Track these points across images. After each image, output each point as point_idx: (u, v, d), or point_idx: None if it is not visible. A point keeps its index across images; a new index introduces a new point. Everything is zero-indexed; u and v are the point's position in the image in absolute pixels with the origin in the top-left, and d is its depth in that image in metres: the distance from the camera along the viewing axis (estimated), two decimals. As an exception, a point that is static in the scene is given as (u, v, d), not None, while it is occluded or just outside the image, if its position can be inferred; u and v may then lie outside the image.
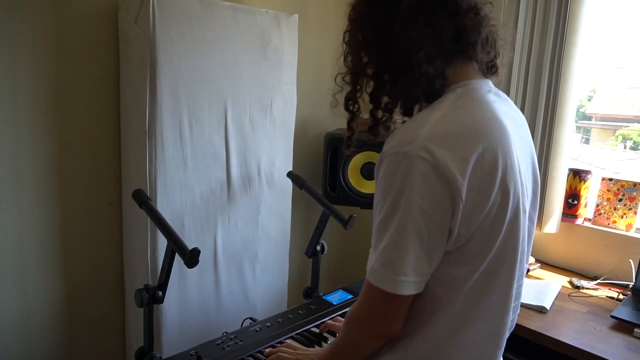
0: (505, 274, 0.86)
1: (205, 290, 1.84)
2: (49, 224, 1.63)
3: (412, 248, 0.77)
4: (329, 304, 1.60)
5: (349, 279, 2.75)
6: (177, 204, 1.70)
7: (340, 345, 1.00)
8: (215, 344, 1.33)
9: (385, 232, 0.79)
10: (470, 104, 0.84)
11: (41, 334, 1.67)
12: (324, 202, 1.76)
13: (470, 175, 0.76)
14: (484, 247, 0.81)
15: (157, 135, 1.61)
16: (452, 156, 0.75)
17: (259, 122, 1.90)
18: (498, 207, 0.80)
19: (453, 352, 0.87)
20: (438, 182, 0.75)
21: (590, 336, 1.58)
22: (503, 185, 0.79)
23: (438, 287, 0.84)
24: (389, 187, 0.78)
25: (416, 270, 0.79)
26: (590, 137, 3.09)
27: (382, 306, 0.84)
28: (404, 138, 0.78)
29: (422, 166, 0.74)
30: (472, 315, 0.85)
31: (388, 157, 0.79)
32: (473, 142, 0.77)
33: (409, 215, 0.76)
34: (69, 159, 1.64)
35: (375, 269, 0.80)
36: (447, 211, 0.77)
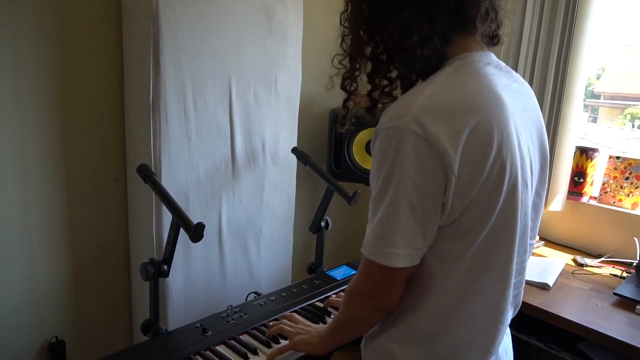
0: (503, 248, 0.85)
1: (210, 265, 1.86)
2: (54, 200, 1.64)
3: (404, 221, 0.77)
4: (332, 279, 1.62)
5: (352, 255, 2.77)
6: (181, 180, 1.70)
7: (341, 320, 1.01)
8: (220, 317, 1.35)
9: (380, 205, 0.79)
10: (467, 76, 0.82)
11: (49, 306, 1.69)
12: (329, 178, 1.75)
13: (462, 149, 0.75)
14: (479, 221, 0.81)
15: (161, 110, 1.60)
16: (444, 129, 0.75)
17: (263, 98, 1.89)
18: (494, 180, 0.79)
19: (454, 327, 0.87)
20: (430, 156, 0.75)
21: (592, 313, 1.59)
22: (499, 158, 0.78)
23: (435, 261, 0.84)
24: (382, 161, 0.78)
25: (409, 243, 0.79)
26: (598, 116, 3.05)
27: (378, 279, 0.85)
28: (396, 112, 0.78)
29: (413, 140, 0.74)
30: (471, 290, 0.86)
31: (382, 131, 0.79)
32: (466, 115, 0.76)
33: (402, 189, 0.76)
34: (74, 135, 1.65)
35: (369, 242, 0.81)
36: (440, 185, 0.77)
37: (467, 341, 0.89)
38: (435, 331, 0.88)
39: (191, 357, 1.17)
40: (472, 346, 0.89)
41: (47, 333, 1.71)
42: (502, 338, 0.93)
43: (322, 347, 1.12)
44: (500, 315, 0.90)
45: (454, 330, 0.87)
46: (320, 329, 1.19)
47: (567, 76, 2.01)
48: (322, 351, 1.13)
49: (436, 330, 0.88)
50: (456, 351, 0.89)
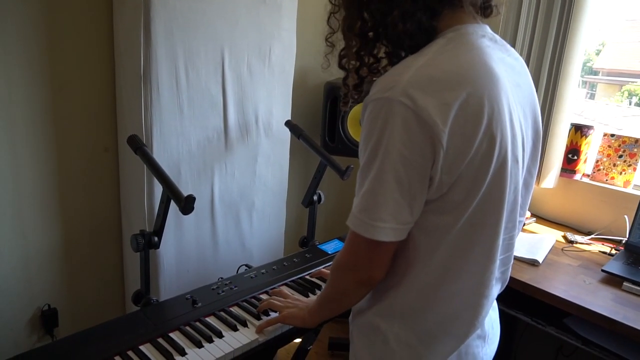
0: (491, 224, 0.85)
1: (202, 237, 1.86)
2: (44, 170, 1.63)
3: (390, 194, 0.77)
4: (323, 252, 1.63)
5: (344, 229, 2.79)
6: (173, 152, 1.69)
7: (327, 293, 1.02)
8: (211, 289, 1.36)
9: (366, 177, 0.79)
10: (459, 48, 0.80)
11: (41, 275, 1.70)
12: (321, 152, 1.75)
13: (452, 122, 0.74)
14: (467, 195, 0.80)
15: (152, 80, 1.58)
16: (433, 102, 0.73)
17: (257, 70, 1.86)
18: (483, 155, 0.78)
19: (438, 302, 0.88)
20: (418, 129, 0.73)
21: (579, 289, 1.61)
22: (488, 132, 0.77)
23: (421, 236, 0.84)
24: (370, 133, 0.77)
25: (395, 217, 0.78)
26: (596, 92, 3.03)
27: (363, 252, 0.84)
28: (386, 83, 0.76)
29: (402, 112, 0.73)
30: (456, 265, 0.86)
31: (370, 102, 0.77)
32: (456, 87, 0.75)
33: (388, 161, 0.75)
34: (64, 104, 1.62)
35: (354, 214, 0.81)
36: (428, 158, 0.76)
37: (452, 316, 0.89)
38: (420, 306, 0.88)
39: (181, 327, 1.19)
40: (457, 321, 0.90)
41: (40, 301, 1.73)
42: (486, 313, 0.94)
43: (310, 320, 1.13)
44: (485, 290, 0.90)
45: (438, 305, 0.88)
46: (309, 302, 1.20)
47: (564, 52, 1.98)
48: (311, 324, 1.14)
49: (421, 305, 0.88)
50: (440, 326, 0.89)
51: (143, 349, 1.11)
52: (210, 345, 1.14)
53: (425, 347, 0.90)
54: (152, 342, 1.13)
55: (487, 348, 0.98)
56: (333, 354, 2.51)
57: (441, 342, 0.90)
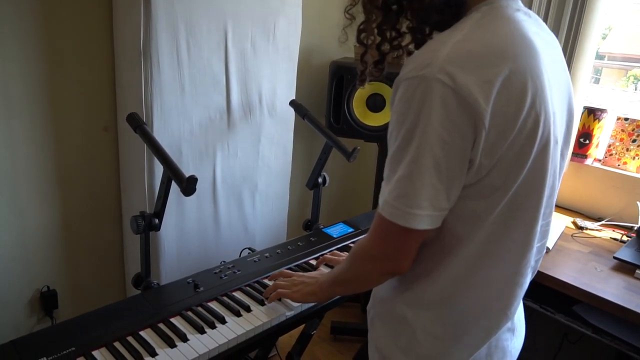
0: (530, 209, 0.80)
1: (203, 219, 1.82)
2: (42, 149, 1.58)
3: (428, 179, 0.71)
4: (329, 236, 1.58)
5: (348, 212, 2.75)
6: (174, 131, 1.64)
7: (345, 276, 0.98)
8: (213, 273, 1.32)
9: (400, 162, 0.72)
10: (496, 22, 0.74)
11: (39, 256, 1.67)
12: (327, 133, 1.69)
13: (494, 100, 0.69)
14: (506, 179, 0.75)
15: (152, 56, 1.52)
16: (474, 79, 0.68)
17: (261, 47, 1.79)
18: (526, 135, 0.73)
19: (471, 291, 0.83)
20: (458, 108, 0.68)
21: (591, 276, 1.57)
22: (532, 111, 0.72)
23: (457, 222, 0.78)
24: (404, 114, 0.71)
25: (433, 204, 0.73)
26: (601, 77, 2.97)
27: (394, 242, 0.79)
28: (421, 61, 0.70)
29: (441, 91, 0.67)
30: (492, 252, 0.81)
31: (404, 82, 0.71)
32: (498, 63, 0.69)
33: (426, 144, 0.69)
34: (61, 81, 1.56)
35: (389, 202, 0.74)
36: (468, 140, 0.70)
37: (483, 306, 0.85)
38: (451, 295, 0.83)
39: (182, 312, 1.15)
40: (488, 312, 0.86)
41: (38, 283, 1.69)
42: (519, 303, 0.89)
43: (322, 295, 1.10)
44: (520, 279, 0.86)
45: (471, 294, 0.83)
46: (317, 275, 1.17)
47: (580, 32, 1.91)
48: (324, 299, 1.11)
49: (452, 295, 0.83)
50: (471, 316, 0.85)
51: (143, 334, 1.08)
52: (212, 331, 1.10)
53: (453, 339, 0.86)
54: (153, 327, 1.10)
55: (515, 341, 0.94)
56: (335, 338, 2.49)
57: (470, 335, 0.86)
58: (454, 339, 0.86)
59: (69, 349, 1.00)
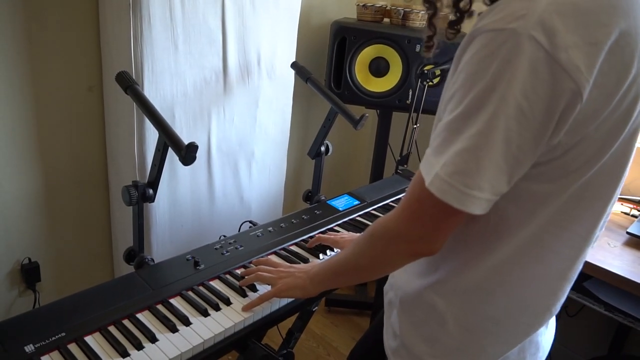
0: (602, 199, 0.70)
1: (197, 189, 1.71)
2: (20, 111, 1.44)
3: (496, 156, 0.59)
4: (334, 209, 1.49)
5: (344, 183, 2.66)
6: (166, 93, 1.50)
7: (353, 263, 0.85)
8: (214, 249, 1.22)
9: (462, 132, 0.60)
10: None
11: (19, 226, 1.56)
12: (333, 98, 1.57)
13: (599, 68, 0.57)
14: (585, 163, 0.64)
15: (142, 10, 1.37)
16: (578, 40, 0.56)
17: (260, 3, 1.65)
18: (621, 113, 0.62)
19: (514, 285, 0.73)
20: (551, 77, 0.56)
21: (604, 252, 1.52)
22: (633, 86, 0.61)
23: (511, 205, 0.68)
24: (479, 73, 0.59)
25: (494, 186, 0.61)
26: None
27: (435, 221, 0.67)
28: (512, 10, 0.57)
29: (533, 51, 0.55)
30: (549, 244, 0.70)
31: (486, 33, 0.59)
32: (608, 21, 0.57)
33: (501, 115, 0.57)
34: (39, 36, 1.41)
35: (442, 177, 0.62)
36: (553, 116, 0.58)
37: (528, 302, 0.75)
38: (490, 287, 0.73)
39: (183, 293, 1.05)
40: (533, 308, 0.76)
41: (19, 254, 1.59)
42: (564, 299, 0.80)
43: (313, 288, 0.97)
44: (572, 274, 0.76)
45: (515, 288, 0.73)
46: (307, 268, 1.04)
47: None
48: (313, 292, 0.98)
49: (491, 286, 0.73)
50: (513, 312, 0.75)
51: (141, 317, 0.98)
52: (217, 314, 1.01)
53: (487, 334, 0.76)
54: (151, 309, 1.00)
55: (547, 334, 0.87)
56: (330, 310, 2.44)
57: (508, 331, 0.77)
58: (489, 334, 0.77)
59: (59, 334, 0.90)
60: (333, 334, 2.31)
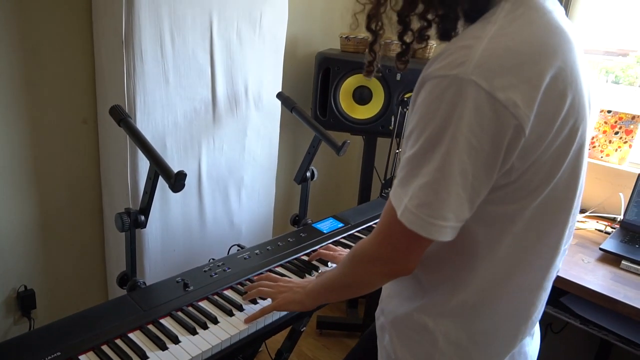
0: (563, 212, 0.76)
1: (189, 214, 1.77)
2: (18, 142, 1.51)
3: (454, 189, 0.66)
4: (319, 232, 1.55)
5: (333, 207, 2.73)
6: (158, 124, 1.58)
7: (341, 281, 0.92)
8: (202, 271, 1.28)
9: (422, 167, 0.67)
10: (531, 12, 0.68)
11: (16, 254, 1.60)
12: (316, 126, 1.66)
13: (537, 103, 0.63)
14: (540, 182, 0.71)
15: (135, 46, 1.46)
16: (514, 80, 0.62)
17: (247, 37, 1.74)
18: (565, 136, 0.68)
19: (499, 300, 0.79)
20: (493, 114, 0.62)
21: (579, 268, 1.59)
22: (572, 111, 0.68)
23: (480, 227, 0.74)
24: (430, 115, 0.65)
25: (457, 215, 0.67)
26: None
27: (404, 248, 0.74)
28: (453, 58, 0.64)
29: (474, 94, 0.61)
30: (523, 258, 0.76)
31: (432, 80, 0.65)
32: (539, 61, 0.64)
33: (454, 152, 0.64)
34: (37, 72, 1.49)
35: (410, 209, 0.68)
36: (500, 148, 0.64)
37: (512, 313, 0.81)
38: (478, 304, 0.79)
39: (172, 313, 1.11)
40: (516, 318, 0.82)
41: (15, 282, 1.63)
42: (543, 307, 0.86)
43: (309, 302, 1.04)
44: (547, 283, 0.82)
45: (499, 303, 0.79)
46: (304, 283, 1.11)
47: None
48: (309, 307, 1.06)
49: (479, 304, 0.79)
50: (499, 324, 0.81)
51: (132, 336, 1.03)
52: (204, 332, 1.06)
53: (478, 348, 0.82)
54: (142, 329, 1.05)
55: (534, 344, 0.92)
56: (321, 332, 2.47)
57: (496, 342, 0.82)
58: (479, 348, 0.82)
59: (54, 354, 0.95)
60: (325, 356, 2.34)
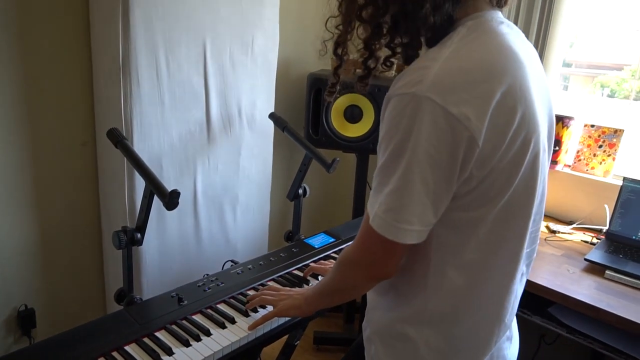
0: (523, 217, 0.82)
1: (185, 232, 1.82)
2: (19, 165, 1.57)
3: (417, 196, 0.73)
4: (310, 247, 1.60)
5: (329, 222, 2.77)
6: (154, 145, 1.64)
7: (331, 286, 0.99)
8: (197, 286, 1.32)
9: (390, 176, 0.74)
10: (483, 36, 0.76)
11: (16, 274, 1.64)
12: (307, 145, 1.72)
13: (489, 117, 0.70)
14: (499, 190, 0.77)
15: (131, 71, 1.52)
16: (466, 97, 0.69)
17: (239, 60, 1.82)
18: (518, 147, 0.75)
19: (472, 304, 0.84)
20: (448, 128, 0.69)
21: (564, 278, 1.63)
22: (523, 123, 0.74)
23: (449, 234, 0.80)
24: (394, 129, 0.72)
25: (421, 219, 0.74)
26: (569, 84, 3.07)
27: (380, 251, 0.81)
28: (412, 78, 0.71)
29: (430, 109, 0.69)
30: (488, 262, 0.82)
31: (394, 97, 0.73)
32: (489, 79, 0.71)
33: (414, 162, 0.71)
34: (38, 96, 1.56)
35: (379, 215, 0.76)
36: (457, 157, 0.71)
37: (484, 316, 0.86)
38: (453, 310, 0.84)
39: (167, 326, 1.15)
40: (488, 321, 0.87)
41: (16, 301, 1.67)
42: (514, 310, 0.91)
43: (307, 308, 1.11)
44: (513, 286, 0.87)
45: (471, 307, 0.85)
46: (303, 291, 1.18)
47: (546, 45, 2.00)
48: (308, 312, 1.12)
49: (453, 309, 0.84)
50: (473, 328, 0.86)
51: (128, 349, 1.08)
52: (198, 344, 1.11)
53: (456, 352, 0.87)
54: (138, 342, 1.10)
55: (512, 348, 0.97)
56: (318, 348, 2.50)
57: (472, 346, 0.87)
58: (457, 352, 0.87)
59: (53, 366, 0.99)
60: (321, 371, 2.37)
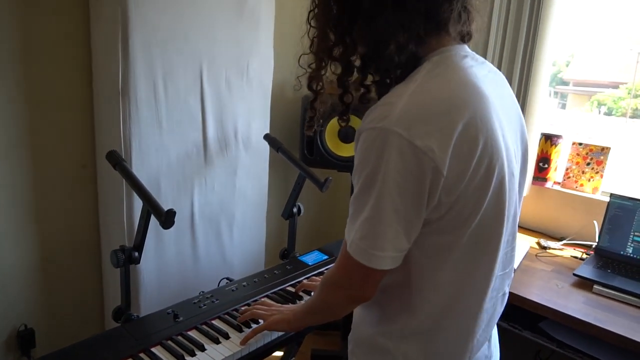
0: (493, 239, 0.86)
1: (182, 251, 1.86)
2: (20, 186, 1.61)
3: (389, 224, 0.77)
4: (304, 264, 1.64)
5: (324, 239, 2.80)
6: (152, 166, 1.69)
7: (316, 305, 1.04)
8: (192, 303, 1.36)
9: (363, 205, 0.78)
10: (447, 71, 0.81)
11: (17, 294, 1.66)
12: (300, 164, 1.77)
13: (450, 147, 0.75)
14: (468, 214, 0.81)
15: (130, 95, 1.58)
16: (429, 129, 0.74)
17: (235, 84, 1.88)
18: (482, 175, 0.79)
19: (449, 322, 0.89)
20: (414, 158, 0.74)
21: (552, 293, 1.66)
22: (485, 153, 0.78)
23: (423, 258, 0.84)
24: (365, 161, 0.77)
25: (395, 245, 0.79)
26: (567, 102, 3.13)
27: (358, 276, 0.85)
28: (380, 113, 0.76)
29: (397, 142, 0.73)
30: (463, 283, 0.86)
31: (364, 132, 0.78)
32: (450, 112, 0.76)
33: (385, 192, 0.75)
34: (40, 120, 1.61)
35: (355, 241, 0.81)
36: (424, 186, 0.76)
37: (459, 333, 0.90)
38: (430, 328, 0.89)
39: (163, 342, 1.19)
40: (464, 338, 0.91)
41: (16, 321, 1.69)
42: (489, 327, 0.96)
43: (295, 324, 1.15)
44: (485, 304, 0.91)
45: (448, 325, 0.89)
46: (293, 307, 1.22)
47: (533, 63, 2.05)
48: (296, 328, 1.16)
49: (431, 327, 0.89)
50: (450, 344, 0.90)
51: (125, 364, 1.11)
52: (192, 359, 1.14)
53: None
54: (134, 357, 1.13)
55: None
56: (315, 365, 2.51)
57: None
58: None
59: (52, 381, 1.03)
60: (318, 388, 2.37)
